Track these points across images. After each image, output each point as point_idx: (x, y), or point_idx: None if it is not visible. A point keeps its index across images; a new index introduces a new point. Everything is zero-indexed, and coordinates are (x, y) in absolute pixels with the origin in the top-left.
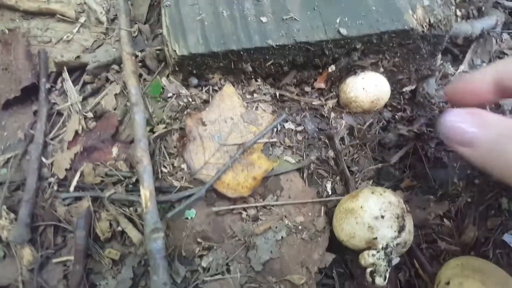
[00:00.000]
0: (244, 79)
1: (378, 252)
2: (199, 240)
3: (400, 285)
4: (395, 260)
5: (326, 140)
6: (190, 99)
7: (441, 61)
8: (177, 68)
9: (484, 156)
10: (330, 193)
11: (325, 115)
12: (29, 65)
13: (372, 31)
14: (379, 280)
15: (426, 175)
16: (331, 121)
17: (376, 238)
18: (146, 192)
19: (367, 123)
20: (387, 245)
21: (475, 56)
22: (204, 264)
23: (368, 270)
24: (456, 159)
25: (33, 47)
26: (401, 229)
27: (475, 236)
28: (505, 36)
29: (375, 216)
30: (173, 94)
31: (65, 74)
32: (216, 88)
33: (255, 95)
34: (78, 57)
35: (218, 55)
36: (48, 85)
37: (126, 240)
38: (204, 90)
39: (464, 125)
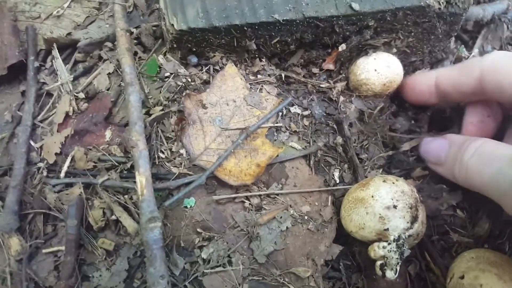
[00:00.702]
0: (248, 58)
1: (389, 244)
2: (199, 230)
3: (410, 279)
4: (407, 253)
5: (334, 126)
6: (189, 79)
7: (455, 44)
8: (175, 45)
9: (450, 171)
10: (337, 182)
11: (334, 99)
12: (16, 42)
13: (386, 7)
14: (389, 274)
15: None
16: (340, 105)
17: (387, 229)
18: (142, 179)
19: (378, 108)
20: (399, 236)
21: (486, 42)
22: (204, 255)
23: (378, 263)
24: None
25: (20, 23)
26: (414, 220)
27: (489, 228)
28: None
29: (387, 206)
30: (171, 74)
31: (55, 52)
32: (217, 67)
33: (259, 76)
34: (69, 33)
35: (220, 31)
36: (37, 64)
37: (121, 230)
38: (204, 70)
39: (435, 149)
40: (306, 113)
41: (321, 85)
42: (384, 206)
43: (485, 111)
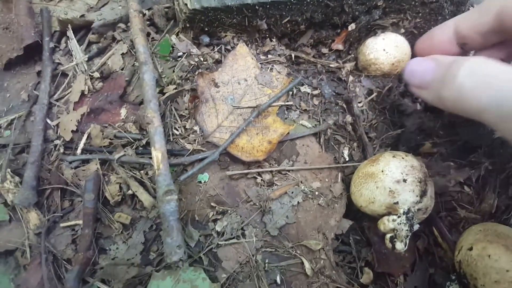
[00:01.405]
0: (258, 38)
1: (399, 217)
2: (212, 204)
3: (418, 253)
4: (416, 226)
5: (344, 105)
6: (202, 59)
7: None
8: (187, 25)
9: (436, 95)
10: (347, 159)
11: (343, 79)
12: (31, 23)
13: None
14: (399, 246)
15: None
16: (349, 85)
17: (397, 202)
18: (158, 154)
19: (387, 87)
20: (408, 209)
21: None
22: (218, 228)
23: (388, 236)
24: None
25: (35, 5)
26: (423, 194)
27: (495, 203)
28: None
29: (396, 180)
30: (184, 53)
31: (70, 33)
32: (228, 47)
33: (269, 56)
34: (82, 15)
35: (232, 10)
36: (52, 44)
37: (137, 204)
38: (216, 49)
39: (420, 70)
40: (316, 92)
41: (330, 65)
42: (394, 180)
43: (498, 55)
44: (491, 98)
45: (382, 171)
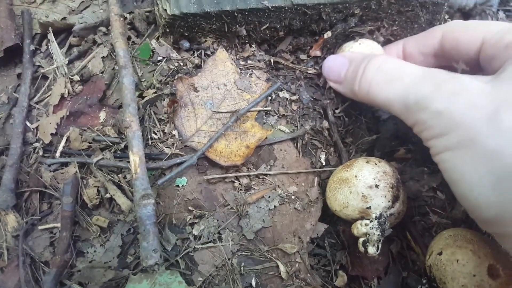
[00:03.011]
0: (238, 44)
1: (371, 221)
2: (190, 208)
3: (392, 257)
4: (388, 231)
5: (321, 111)
6: (181, 63)
7: None
8: (167, 30)
9: (350, 88)
10: (324, 164)
11: (321, 85)
12: (12, 25)
13: None
14: (371, 250)
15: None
16: (326, 91)
17: (369, 207)
18: (136, 158)
19: None
20: (380, 214)
21: None
22: (195, 232)
23: (361, 240)
24: None
25: (16, 7)
26: (395, 199)
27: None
28: (501, 14)
29: (369, 185)
30: (163, 58)
31: (50, 36)
32: (208, 52)
33: (249, 61)
34: (64, 18)
35: (211, 16)
36: (32, 47)
37: (115, 208)
38: (196, 54)
39: (335, 66)
40: (294, 98)
41: (308, 71)
42: (367, 186)
43: None
44: (396, 91)
45: (356, 177)
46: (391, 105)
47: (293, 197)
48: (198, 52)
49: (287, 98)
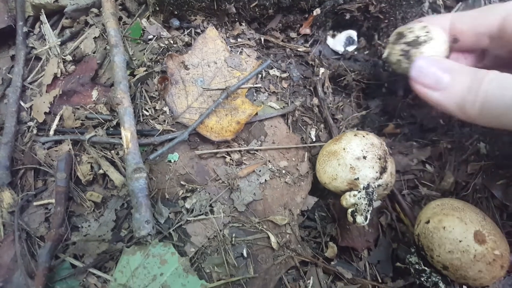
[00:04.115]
0: (228, 22)
1: (359, 192)
2: (182, 182)
3: (382, 229)
4: (377, 203)
5: (311, 88)
6: (172, 41)
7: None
8: (157, 9)
9: (457, 102)
10: (314, 140)
11: (310, 63)
12: (4, 8)
13: None
14: (359, 219)
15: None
16: (316, 69)
17: (357, 178)
18: (127, 133)
19: (353, 73)
20: (368, 185)
21: None
22: (187, 205)
23: (349, 210)
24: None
25: None
26: (382, 170)
27: (454, 182)
28: None
29: (357, 157)
30: (154, 36)
31: (43, 17)
32: (198, 30)
33: (239, 39)
34: (56, 0)
35: None
36: (25, 29)
37: (108, 183)
38: (186, 33)
39: (435, 69)
40: (284, 75)
41: (298, 49)
42: (355, 157)
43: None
44: None
45: (344, 149)
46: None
47: (283, 171)
48: (188, 31)
49: (277, 76)
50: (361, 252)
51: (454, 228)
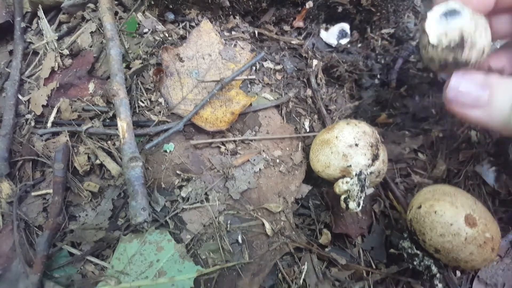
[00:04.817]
0: (222, 15)
1: (351, 179)
2: (178, 172)
3: (375, 216)
4: (369, 190)
5: (305, 80)
6: (167, 34)
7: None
8: (152, 3)
9: (502, 119)
10: (308, 130)
11: (303, 55)
12: (2, 4)
13: None
14: (352, 205)
15: (405, 110)
16: (309, 61)
17: (350, 165)
18: (123, 124)
19: (346, 63)
20: (360, 171)
21: None
22: (183, 194)
23: (342, 197)
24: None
25: None
26: (374, 157)
27: (446, 169)
28: None
29: (349, 145)
30: (149, 30)
31: (40, 13)
32: (193, 24)
33: (233, 32)
34: None
35: None
36: (23, 24)
37: (105, 173)
38: (181, 26)
39: (474, 87)
40: (278, 67)
41: (292, 42)
42: (347, 145)
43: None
44: None
45: (336, 137)
46: None
47: (277, 160)
48: (183, 24)
49: (271, 68)
50: (355, 239)
51: (445, 212)
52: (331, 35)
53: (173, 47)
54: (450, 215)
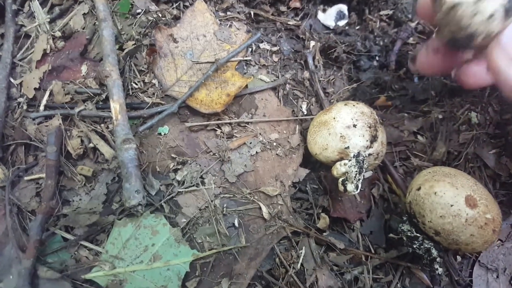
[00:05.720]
0: None
1: (349, 161)
2: (173, 155)
3: (374, 200)
4: (368, 173)
5: (302, 62)
6: (160, 15)
7: None
8: None
9: None
10: (305, 113)
11: (301, 36)
12: None
13: None
14: (350, 187)
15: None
16: (306, 42)
17: (348, 147)
18: (116, 105)
19: (343, 44)
20: (358, 153)
21: None
22: (178, 177)
23: (340, 179)
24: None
25: None
26: (373, 139)
27: (446, 152)
28: None
29: (347, 125)
30: (142, 10)
31: None
32: (187, 4)
33: (228, 13)
34: None
35: None
36: (14, 7)
37: (99, 157)
38: (174, 6)
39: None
40: (275, 49)
41: (289, 23)
42: (345, 126)
43: None
44: None
45: (334, 118)
46: None
47: (274, 143)
48: (177, 4)
49: (267, 49)
50: (354, 223)
51: (445, 193)
52: (328, 16)
53: (166, 28)
54: (450, 196)
